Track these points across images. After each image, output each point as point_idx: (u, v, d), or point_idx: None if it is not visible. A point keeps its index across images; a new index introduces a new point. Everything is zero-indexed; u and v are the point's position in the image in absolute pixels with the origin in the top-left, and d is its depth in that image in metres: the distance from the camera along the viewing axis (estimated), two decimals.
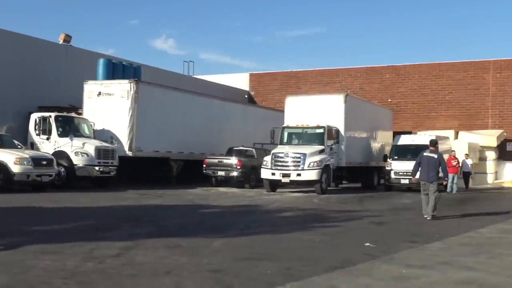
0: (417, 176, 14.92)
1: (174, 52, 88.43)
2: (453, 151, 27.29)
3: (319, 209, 16.81)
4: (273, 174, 22.85)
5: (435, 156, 14.52)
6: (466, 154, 28.90)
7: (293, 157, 22.68)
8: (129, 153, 23.02)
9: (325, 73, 39.46)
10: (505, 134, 33.54)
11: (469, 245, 10.22)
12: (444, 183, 15.00)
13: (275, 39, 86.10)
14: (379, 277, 7.27)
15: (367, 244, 9.89)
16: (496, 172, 33.22)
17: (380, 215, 15.32)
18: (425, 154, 14.65)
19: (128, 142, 23.00)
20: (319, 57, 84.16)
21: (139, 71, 27.09)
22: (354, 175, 27.00)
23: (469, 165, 28.77)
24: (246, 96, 40.60)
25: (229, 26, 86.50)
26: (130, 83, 23.30)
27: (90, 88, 23.80)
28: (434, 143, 15.45)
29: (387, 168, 26.00)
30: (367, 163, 27.46)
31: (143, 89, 23.55)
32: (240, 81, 41.25)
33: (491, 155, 32.97)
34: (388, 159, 26.23)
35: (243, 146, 26.78)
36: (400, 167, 25.37)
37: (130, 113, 23.02)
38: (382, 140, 29.54)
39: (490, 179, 32.79)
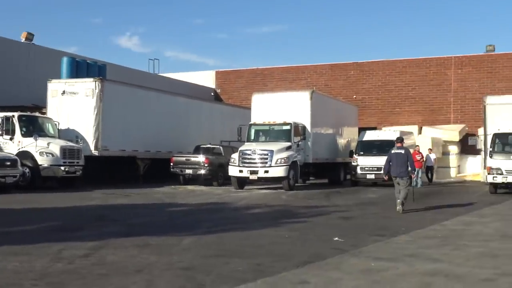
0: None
1: (138, 50, 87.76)
2: (417, 146, 27.75)
3: (287, 205, 16.93)
4: (240, 171, 22.90)
5: (403, 152, 15.13)
6: (430, 148, 29.43)
7: (261, 154, 22.77)
8: (95, 153, 22.79)
9: (291, 70, 39.67)
10: (467, 128, 34.25)
11: (434, 237, 10.44)
12: (413, 177, 15.49)
13: (239, 36, 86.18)
14: (348, 270, 7.39)
15: (336, 238, 10.04)
16: (458, 166, 33.91)
17: (347, 210, 15.53)
18: (393, 151, 15.28)
19: (94, 141, 22.76)
20: (285, 54, 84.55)
21: (104, 69, 26.82)
22: (321, 171, 27.23)
23: (433, 160, 29.30)
24: (212, 93, 40.56)
25: (193, 24, 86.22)
26: (95, 81, 23.05)
27: (54, 87, 23.46)
28: (400, 139, 15.97)
29: (353, 163, 26.30)
30: (333, 159, 27.73)
31: (108, 88, 23.32)
32: (206, 78, 41.18)
33: (453, 149, 33.64)
34: (354, 155, 26.53)
35: (210, 144, 26.76)
36: (366, 163, 25.71)
37: (96, 112, 22.79)
38: (348, 136, 29.86)
39: (453, 173, 33.46)
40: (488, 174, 21.32)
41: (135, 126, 24.88)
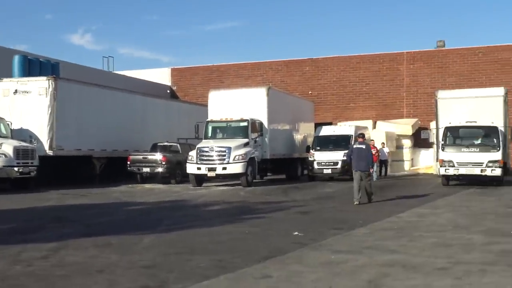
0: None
1: (92, 48, 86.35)
2: (372, 140, 28.21)
3: (246, 201, 17.03)
4: (198, 168, 22.88)
5: (364, 147, 15.96)
6: (383, 142, 29.96)
7: (218, 151, 22.80)
8: (50, 153, 22.38)
9: (247, 67, 39.77)
10: (419, 122, 35.03)
11: (391, 229, 10.71)
12: (372, 170, 16.17)
13: (194, 33, 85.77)
14: (309, 263, 7.53)
15: (296, 233, 10.19)
16: (412, 159, 34.66)
17: (306, 204, 15.73)
18: (355, 146, 16.09)
19: (48, 141, 22.35)
20: (240, 51, 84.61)
21: (57, 67, 26.34)
22: (279, 166, 27.44)
23: (386, 154, 29.85)
24: (168, 91, 40.30)
25: (146, 20, 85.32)
26: (48, 80, 22.62)
27: (6, 86, 22.92)
28: (362, 135, 16.80)
29: (310, 159, 26.58)
30: (290, 154, 27.97)
31: (62, 86, 22.93)
32: (162, 76, 40.88)
33: (407, 143, 34.37)
34: (311, 150, 26.82)
35: (167, 141, 26.62)
36: (322, 158, 26.03)
37: (49, 111, 22.38)
38: (304, 131, 30.16)
39: (406, 166, 34.19)
40: (441, 166, 21.90)
41: (91, 125, 24.54)
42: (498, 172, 21.21)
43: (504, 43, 35.01)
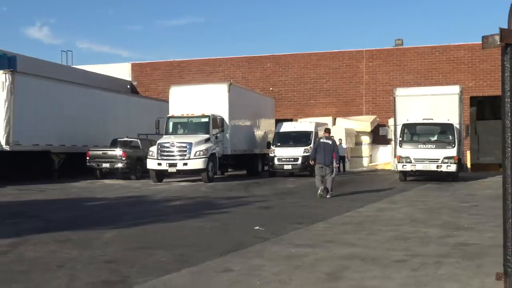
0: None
1: (50, 41, 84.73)
2: (332, 136, 28.52)
3: (207, 196, 17.07)
4: (159, 164, 22.78)
5: (330, 142, 16.60)
6: (340, 139, 30.19)
7: (179, 147, 22.74)
8: (6, 148, 21.94)
9: (208, 63, 39.69)
10: (378, 119, 35.60)
11: (350, 223, 10.91)
12: (336, 165, 16.63)
13: (154, 28, 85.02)
14: (270, 257, 7.63)
15: (257, 227, 10.29)
16: (370, 156, 35.20)
17: (267, 200, 15.86)
18: (321, 140, 16.62)
19: (5, 136, 21.90)
20: (202, 47, 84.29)
21: (14, 61, 25.81)
22: (239, 162, 27.53)
23: (343, 149, 30.17)
24: (128, 86, 39.91)
25: (106, 15, 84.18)
26: (5, 74, 22.15)
27: None
28: (328, 130, 17.59)
29: (270, 155, 26.74)
30: (251, 150, 28.08)
31: (19, 80, 22.49)
32: (122, 71, 40.45)
33: (366, 139, 34.89)
34: (272, 146, 26.99)
35: (127, 137, 26.40)
36: (283, 154, 26.23)
37: (6, 106, 21.93)
38: (265, 127, 30.32)
39: (365, 162, 34.72)
40: (398, 162, 22.35)
41: (49, 120, 24.16)
42: (453, 168, 21.78)
43: (460, 42, 35.84)
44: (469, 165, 31.82)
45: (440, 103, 23.63)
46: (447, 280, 6.25)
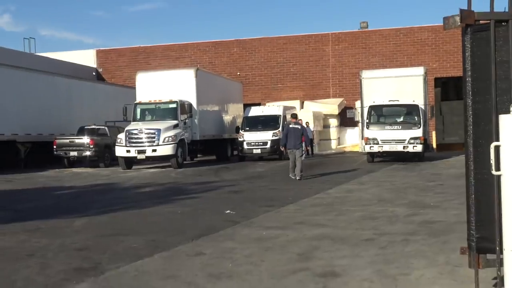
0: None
1: (11, 29, 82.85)
2: (300, 120, 28.72)
3: (177, 182, 17.07)
4: (128, 151, 22.64)
5: (299, 127, 17.19)
6: (307, 122, 30.32)
7: (148, 133, 22.63)
8: None
9: (174, 48, 39.37)
10: (345, 102, 35.90)
11: (320, 205, 11.07)
12: (306, 148, 17.32)
13: (119, 14, 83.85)
14: (241, 240, 7.72)
15: (228, 211, 10.37)
16: (338, 138, 35.52)
17: (237, 184, 15.95)
18: (290, 126, 17.05)
19: None
20: (167, 32, 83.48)
21: None
22: (209, 148, 27.52)
23: (311, 133, 30.34)
24: (94, 73, 39.36)
25: (68, 0, 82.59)
26: None
27: None
28: (295, 116, 18.15)
29: (239, 139, 26.79)
30: (220, 135, 28.08)
31: None
32: (87, 58, 39.82)
33: (333, 122, 35.17)
34: (240, 131, 27.03)
35: (94, 124, 26.12)
36: (252, 138, 26.29)
37: None
38: (233, 112, 30.32)
39: (333, 144, 35.02)
40: (365, 144, 22.64)
41: (14, 109, 23.71)
42: (419, 148, 22.16)
43: (424, 24, 36.24)
44: (434, 145, 32.36)
45: (405, 85, 23.95)
46: (414, 256, 6.43)
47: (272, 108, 28.82)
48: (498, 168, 4.28)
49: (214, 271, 6.06)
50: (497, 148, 4.28)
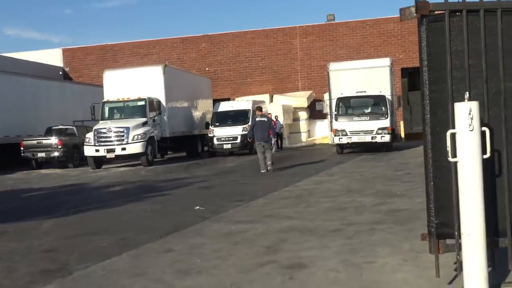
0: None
1: None
2: (269, 113, 28.83)
3: (148, 180, 17.01)
4: (97, 150, 22.46)
5: (266, 119, 17.51)
6: (276, 116, 30.44)
7: (117, 132, 22.48)
8: None
9: (142, 45, 39.10)
10: (314, 95, 36.11)
11: (289, 198, 11.15)
12: (274, 140, 17.63)
13: (86, 11, 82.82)
14: (210, 235, 7.76)
15: (197, 207, 10.38)
16: (308, 131, 35.73)
17: (207, 180, 15.94)
18: (257, 119, 17.30)
19: None
20: (135, 29, 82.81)
21: None
22: (179, 144, 27.41)
23: (279, 126, 30.46)
24: (60, 72, 38.86)
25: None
26: None
27: None
28: (260, 108, 18.27)
29: (209, 135, 26.78)
30: (190, 132, 28.01)
31: None
32: (53, 57, 39.29)
33: (303, 115, 35.36)
34: (210, 126, 27.01)
35: (62, 124, 25.82)
36: (222, 133, 26.30)
37: None
38: (203, 108, 30.26)
39: (303, 137, 35.23)
40: (334, 135, 22.84)
41: None
42: (387, 138, 22.44)
43: (390, 15, 36.60)
44: (403, 135, 32.78)
45: (372, 76, 24.19)
46: (380, 245, 6.54)
47: (241, 103, 28.84)
48: (454, 155, 4.39)
49: (182, 267, 6.09)
50: (453, 136, 4.40)
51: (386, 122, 22.52)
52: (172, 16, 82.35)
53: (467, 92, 4.36)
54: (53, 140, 24.14)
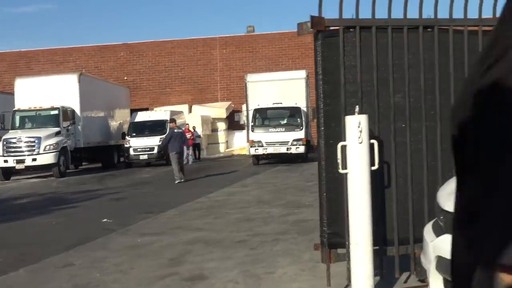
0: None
1: None
2: (187, 124, 28.70)
3: (58, 192, 16.52)
4: (5, 161, 21.59)
5: (181, 130, 18.12)
6: (194, 126, 30.31)
7: (27, 142, 21.72)
8: None
9: (58, 52, 38.00)
10: (233, 105, 36.26)
11: (200, 209, 11.13)
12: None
13: (2, 16, 79.49)
14: (115, 248, 7.62)
15: (105, 220, 10.18)
16: (227, 142, 35.79)
17: (120, 191, 15.65)
18: (174, 130, 17.53)
19: None
20: (51, 36, 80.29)
21: None
22: (94, 155, 26.80)
23: (197, 137, 30.38)
24: None
25: None
26: None
27: None
28: (174, 120, 18.76)
29: (126, 145, 26.32)
30: (106, 142, 27.38)
31: None
32: None
33: (221, 126, 35.39)
34: (127, 137, 26.57)
35: None
36: (138, 144, 25.91)
37: None
38: (120, 118, 29.71)
39: (222, 148, 35.24)
40: (251, 147, 23.04)
41: None
42: (302, 149, 22.85)
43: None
44: None
45: (289, 88, 24.60)
46: (281, 255, 6.64)
47: (159, 113, 28.57)
48: (345, 167, 4.54)
49: (80, 282, 5.95)
50: (344, 148, 4.55)
51: (301, 134, 22.94)
52: (90, 23, 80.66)
53: (357, 106, 4.53)
54: None
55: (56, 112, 22.93)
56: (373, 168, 4.50)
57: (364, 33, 4.84)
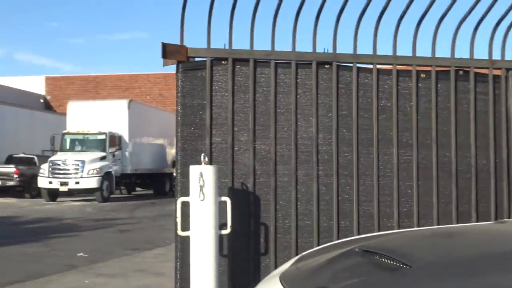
0: None
1: None
2: None
3: (82, 218, 16.31)
4: (50, 182, 21.91)
5: None
6: None
7: (72, 164, 21.95)
8: None
9: (124, 78, 38.77)
10: None
11: None
12: None
13: (97, 42, 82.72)
14: None
15: (80, 254, 9.67)
16: None
17: (137, 222, 15.27)
18: None
19: None
20: (148, 61, 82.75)
21: None
22: (147, 181, 26.83)
23: None
24: (42, 100, 38.50)
25: (47, 26, 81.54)
26: None
27: None
28: None
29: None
30: (158, 169, 27.27)
31: None
32: (37, 84, 39.01)
33: None
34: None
35: (24, 153, 25.26)
36: None
37: None
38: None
39: None
40: None
41: None
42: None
43: None
44: None
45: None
46: None
47: None
48: (187, 228, 3.72)
49: None
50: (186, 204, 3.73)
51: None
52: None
53: (203, 154, 3.70)
54: (10, 168, 23.59)
55: (103, 137, 23.10)
56: (223, 232, 3.63)
57: (240, 66, 4.02)
